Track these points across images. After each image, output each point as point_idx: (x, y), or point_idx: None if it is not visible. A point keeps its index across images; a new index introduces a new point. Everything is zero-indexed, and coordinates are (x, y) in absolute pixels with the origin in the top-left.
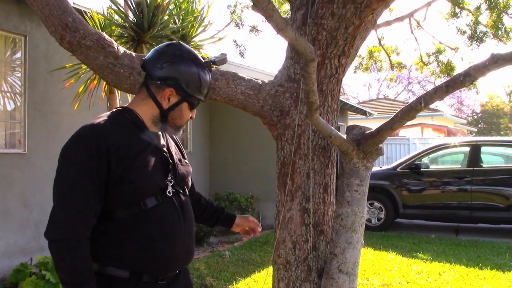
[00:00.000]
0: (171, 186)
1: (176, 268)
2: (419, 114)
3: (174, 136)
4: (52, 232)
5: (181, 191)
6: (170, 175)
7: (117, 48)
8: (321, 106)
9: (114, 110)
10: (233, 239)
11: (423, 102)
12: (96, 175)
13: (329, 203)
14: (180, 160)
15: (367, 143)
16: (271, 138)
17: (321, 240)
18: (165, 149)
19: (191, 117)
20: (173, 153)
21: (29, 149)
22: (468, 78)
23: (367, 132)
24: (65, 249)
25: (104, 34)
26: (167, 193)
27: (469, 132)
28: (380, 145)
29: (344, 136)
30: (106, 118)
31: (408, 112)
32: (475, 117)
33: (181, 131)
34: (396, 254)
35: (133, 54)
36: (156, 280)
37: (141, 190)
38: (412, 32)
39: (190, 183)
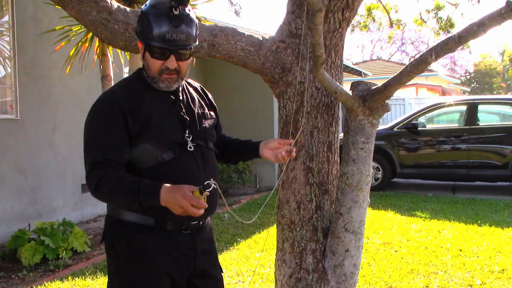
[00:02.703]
0: (191, 140)
1: (200, 219)
2: None
3: (203, 89)
4: (89, 186)
5: (203, 144)
6: (187, 131)
7: (111, 3)
8: (324, 62)
9: (133, 72)
10: (231, 201)
11: (434, 54)
12: (114, 126)
13: (333, 162)
14: (203, 113)
15: (374, 99)
16: (266, 99)
17: (326, 199)
18: (182, 105)
19: (166, 67)
20: (194, 108)
21: (21, 114)
22: (482, 27)
23: (373, 87)
24: (104, 188)
25: None
26: (188, 148)
27: (462, 91)
28: (386, 101)
29: (350, 92)
30: (121, 83)
31: (418, 66)
32: (468, 77)
33: (167, 84)
34: (395, 213)
35: (128, 9)
36: (180, 229)
37: (157, 146)
38: None
39: (214, 136)
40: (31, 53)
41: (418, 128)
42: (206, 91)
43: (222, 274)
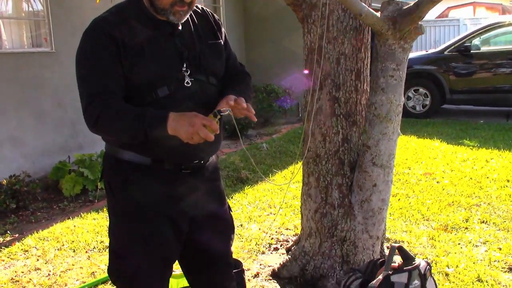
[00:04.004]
0: (188, 75)
1: (197, 157)
2: None
3: (209, 14)
4: (88, 119)
5: (203, 79)
6: (185, 64)
7: None
8: None
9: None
10: (272, 131)
11: None
12: (108, 55)
13: (362, 91)
14: (208, 44)
15: (405, 20)
16: None
17: (354, 131)
18: (182, 36)
19: (183, 1)
20: (196, 38)
21: (56, 47)
22: None
23: (404, 7)
24: (106, 120)
25: None
26: (185, 83)
27: None
28: (419, 23)
29: (378, 14)
30: (112, 10)
31: None
32: None
33: (178, 17)
34: (441, 141)
35: None
36: (179, 169)
37: (152, 81)
38: None
39: (219, 70)
40: None
41: (471, 51)
42: (214, 15)
43: (231, 212)
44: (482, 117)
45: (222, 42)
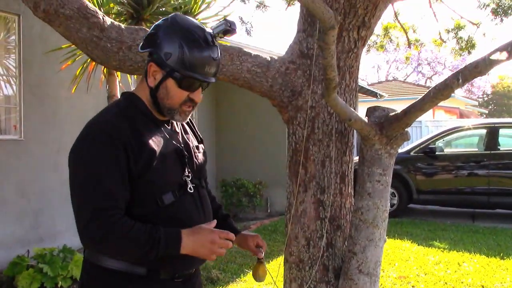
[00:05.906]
0: (190, 180)
1: (195, 266)
2: None
3: (189, 119)
4: (91, 236)
5: (198, 183)
6: (186, 169)
7: (103, 19)
8: (337, 86)
9: (121, 98)
10: (241, 227)
11: (461, 78)
12: (118, 164)
13: (346, 195)
14: (197, 147)
15: (392, 127)
16: (280, 122)
17: (338, 236)
18: (179, 138)
19: (193, 100)
20: (189, 141)
21: (25, 135)
22: None
23: (391, 114)
24: (114, 239)
25: (86, 2)
26: (188, 189)
27: (480, 114)
28: (406, 129)
29: (365, 119)
30: (114, 110)
31: (443, 91)
32: (486, 98)
33: (183, 117)
34: (412, 242)
35: (122, 26)
36: (172, 278)
37: (158, 188)
38: (430, 6)
39: (206, 173)
40: (37, 72)
41: (436, 153)
42: (192, 120)
43: None
44: (449, 217)
45: (203, 146)
